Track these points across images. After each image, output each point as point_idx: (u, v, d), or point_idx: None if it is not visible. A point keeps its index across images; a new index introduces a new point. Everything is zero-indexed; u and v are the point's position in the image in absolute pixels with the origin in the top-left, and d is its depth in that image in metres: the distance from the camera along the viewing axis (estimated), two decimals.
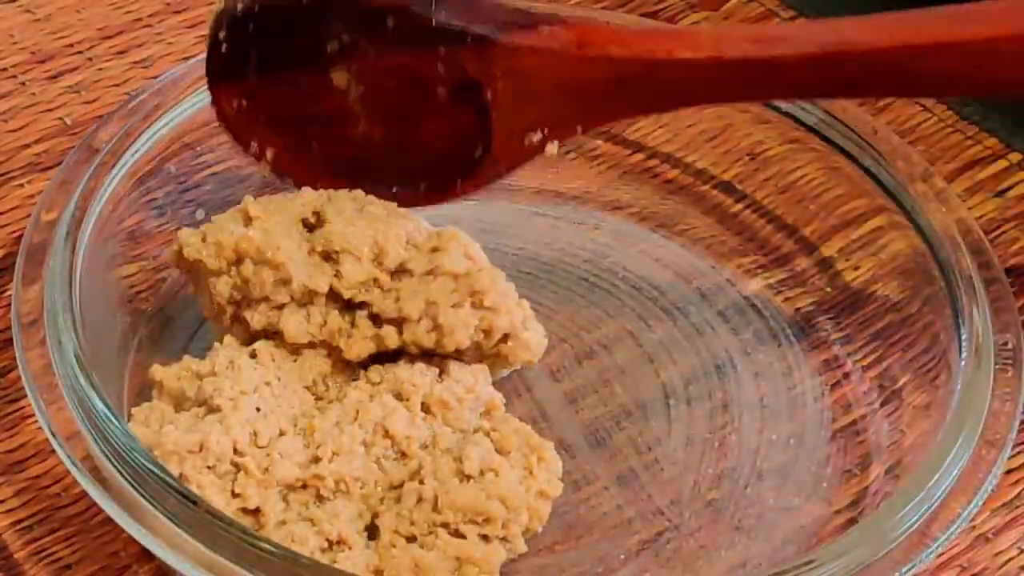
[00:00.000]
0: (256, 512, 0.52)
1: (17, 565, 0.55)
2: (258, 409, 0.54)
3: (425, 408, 0.55)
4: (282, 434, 0.54)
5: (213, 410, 0.53)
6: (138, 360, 0.58)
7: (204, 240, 0.56)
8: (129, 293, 0.60)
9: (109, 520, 0.50)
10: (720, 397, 0.61)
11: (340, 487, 0.53)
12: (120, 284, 0.59)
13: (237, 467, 0.52)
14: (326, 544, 0.52)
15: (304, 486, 0.53)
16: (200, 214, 0.62)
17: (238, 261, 0.55)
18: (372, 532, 0.53)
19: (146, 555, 0.54)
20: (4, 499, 0.57)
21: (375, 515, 0.53)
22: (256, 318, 0.56)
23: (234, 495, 0.52)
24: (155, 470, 0.49)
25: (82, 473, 0.50)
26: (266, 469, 0.53)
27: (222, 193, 0.63)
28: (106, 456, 0.50)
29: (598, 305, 0.62)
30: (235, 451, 0.52)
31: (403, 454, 0.54)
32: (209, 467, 0.52)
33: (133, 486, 0.49)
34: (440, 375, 0.56)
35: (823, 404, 0.61)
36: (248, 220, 0.57)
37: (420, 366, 0.56)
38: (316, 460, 0.53)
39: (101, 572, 0.55)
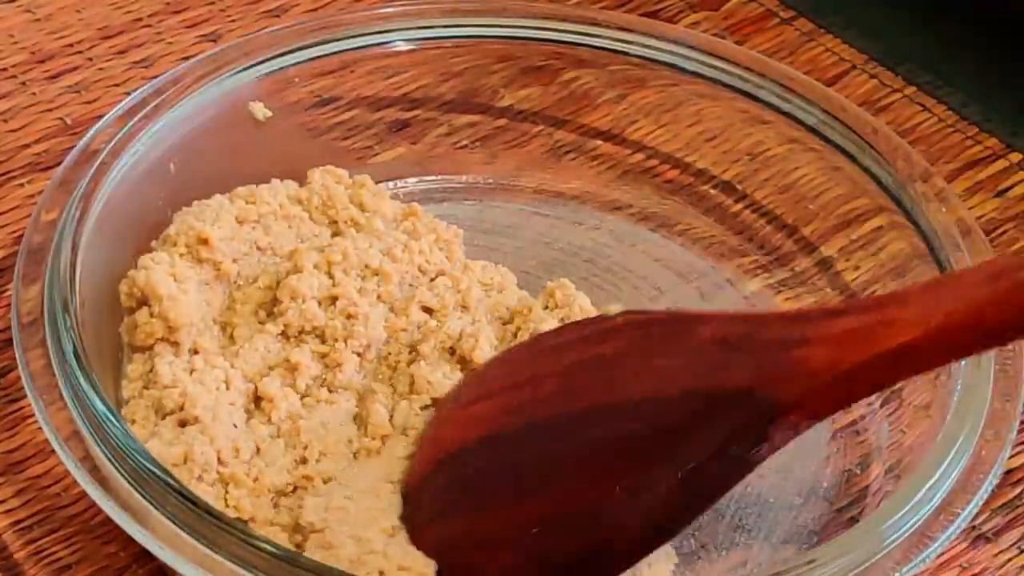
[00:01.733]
0: (252, 521, 0.52)
1: (17, 565, 0.55)
2: (235, 426, 0.54)
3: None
4: (258, 451, 0.54)
5: (191, 421, 0.54)
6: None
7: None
8: None
9: (109, 520, 0.50)
10: None
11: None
12: (119, 284, 0.59)
13: (224, 476, 0.53)
14: None
15: (294, 489, 0.53)
16: None
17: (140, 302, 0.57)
18: None
19: (146, 555, 0.54)
20: (4, 499, 0.57)
21: None
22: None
23: (226, 505, 0.52)
24: (155, 470, 0.49)
25: (82, 473, 0.50)
26: (256, 478, 0.53)
27: (221, 192, 0.63)
28: (106, 456, 0.50)
29: (598, 305, 0.62)
30: (219, 461, 0.53)
31: None
32: (198, 478, 0.52)
33: (133, 486, 0.49)
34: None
35: None
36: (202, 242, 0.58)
37: (444, 368, 0.56)
38: (303, 461, 0.54)
39: (101, 572, 0.55)
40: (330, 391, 0.57)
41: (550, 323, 0.58)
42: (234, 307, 0.59)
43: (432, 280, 0.60)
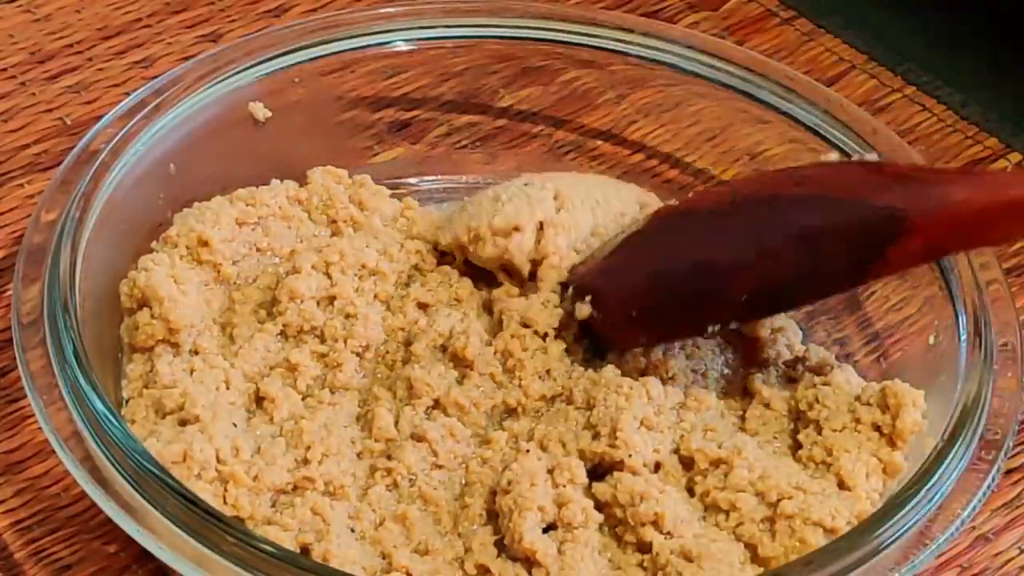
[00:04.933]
0: (249, 519, 0.52)
1: (17, 565, 0.55)
2: (235, 425, 0.54)
3: (441, 409, 0.56)
4: (259, 450, 0.54)
5: (191, 421, 0.54)
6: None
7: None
8: None
9: (109, 520, 0.50)
10: None
11: (329, 488, 0.53)
12: (120, 285, 0.59)
13: (223, 474, 0.53)
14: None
15: (294, 488, 0.53)
16: None
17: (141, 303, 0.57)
18: None
19: (146, 555, 0.54)
20: (4, 499, 0.57)
21: None
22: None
23: (224, 503, 0.52)
24: (153, 469, 0.49)
25: (82, 473, 0.50)
26: (256, 477, 0.53)
27: (221, 192, 0.63)
28: (106, 456, 0.50)
29: None
30: (218, 459, 0.53)
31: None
32: (197, 475, 0.52)
33: (132, 486, 0.49)
34: (461, 379, 0.56)
35: None
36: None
37: (440, 368, 0.56)
38: (305, 462, 0.54)
39: (101, 572, 0.55)
40: (332, 392, 0.57)
41: (533, 304, 0.58)
42: (233, 307, 0.59)
43: (425, 276, 0.60)
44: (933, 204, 0.51)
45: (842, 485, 0.54)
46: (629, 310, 0.56)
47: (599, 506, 0.53)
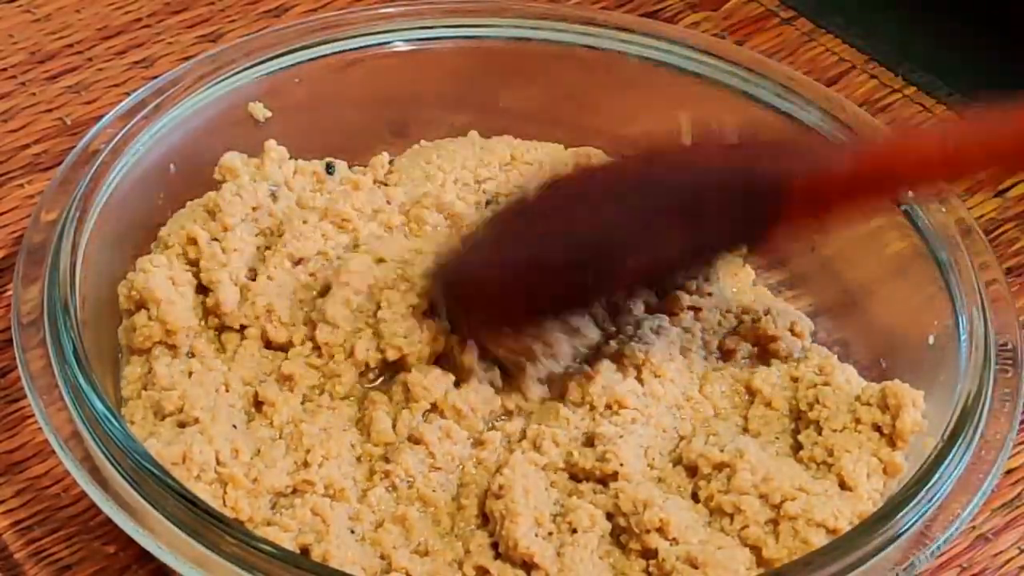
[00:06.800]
0: (248, 521, 0.52)
1: (17, 565, 0.55)
2: (235, 427, 0.54)
3: (439, 412, 0.56)
4: (258, 453, 0.54)
5: (190, 422, 0.54)
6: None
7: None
8: None
9: (109, 520, 0.50)
10: None
11: (329, 491, 0.53)
12: (120, 285, 0.59)
13: (222, 476, 0.52)
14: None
15: (294, 491, 0.53)
16: None
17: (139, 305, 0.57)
18: None
19: (146, 555, 0.54)
20: (4, 499, 0.57)
21: None
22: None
23: (224, 504, 0.52)
24: (153, 469, 0.49)
25: (82, 473, 0.50)
26: (255, 479, 0.53)
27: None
28: (106, 456, 0.50)
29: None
30: (218, 461, 0.53)
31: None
32: (196, 477, 0.52)
33: (132, 486, 0.49)
34: (458, 383, 0.56)
35: None
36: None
37: (436, 372, 0.56)
38: (305, 465, 0.54)
39: (101, 572, 0.55)
40: (331, 397, 0.56)
41: None
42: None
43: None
44: (808, 167, 0.53)
45: (843, 485, 0.54)
46: (504, 291, 0.55)
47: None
